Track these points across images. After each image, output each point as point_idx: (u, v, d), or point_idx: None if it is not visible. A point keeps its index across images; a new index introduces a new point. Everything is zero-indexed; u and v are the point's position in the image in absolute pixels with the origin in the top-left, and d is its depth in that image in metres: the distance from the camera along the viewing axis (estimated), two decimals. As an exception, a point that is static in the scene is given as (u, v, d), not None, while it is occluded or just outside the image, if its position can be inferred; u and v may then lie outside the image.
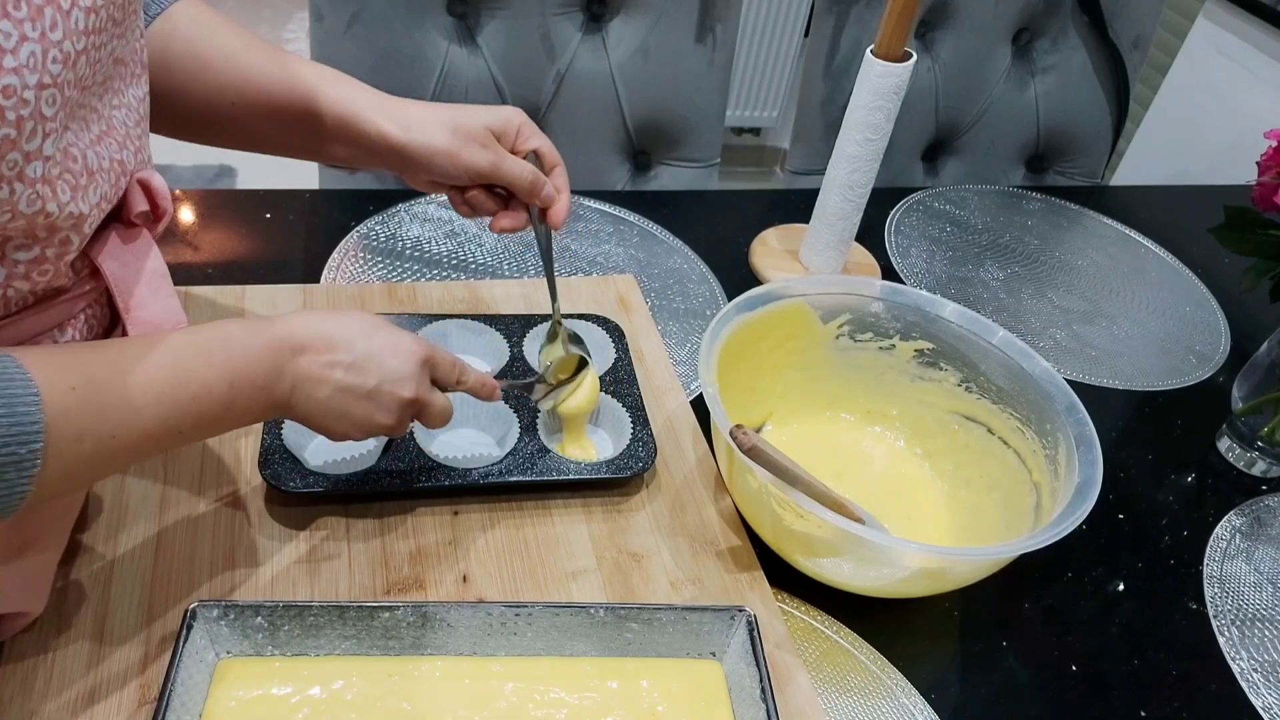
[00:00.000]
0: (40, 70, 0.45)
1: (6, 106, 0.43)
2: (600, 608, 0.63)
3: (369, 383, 0.61)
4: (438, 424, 0.67)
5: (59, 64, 0.46)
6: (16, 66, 0.43)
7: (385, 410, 0.62)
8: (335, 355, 0.60)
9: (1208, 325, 1.15)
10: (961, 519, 0.81)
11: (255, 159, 0.86)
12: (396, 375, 0.62)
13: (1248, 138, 1.07)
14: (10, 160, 0.45)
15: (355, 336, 0.61)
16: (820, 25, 1.32)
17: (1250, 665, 0.75)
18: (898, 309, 0.84)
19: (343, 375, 0.60)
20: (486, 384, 0.70)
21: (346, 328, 0.61)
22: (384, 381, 0.61)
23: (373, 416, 0.62)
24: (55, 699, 0.58)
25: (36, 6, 0.45)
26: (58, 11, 0.46)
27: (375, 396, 0.61)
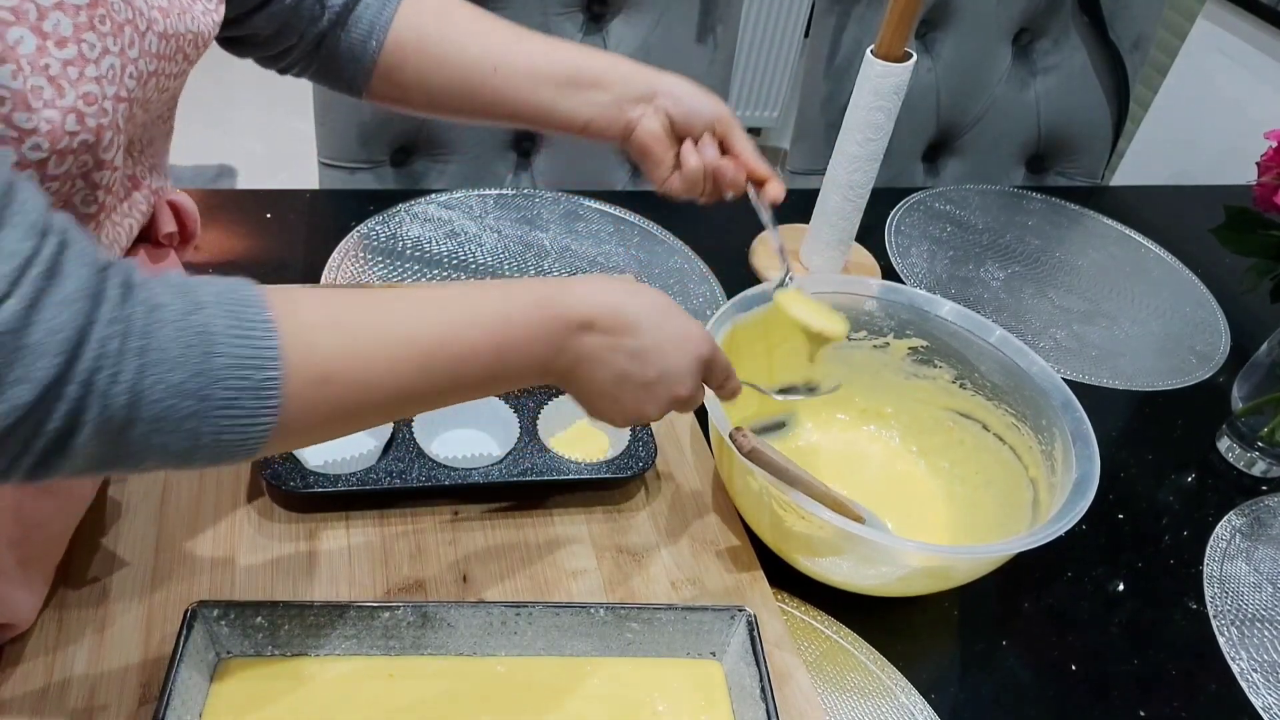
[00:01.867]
0: (118, 83, 0.47)
1: (87, 113, 0.45)
2: (600, 607, 0.63)
3: (650, 374, 0.58)
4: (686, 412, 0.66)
5: (134, 80, 0.49)
6: (98, 76, 0.46)
7: (656, 402, 0.60)
8: (623, 339, 0.57)
9: (1208, 325, 1.15)
10: (959, 516, 0.81)
11: (255, 159, 0.86)
12: (677, 372, 0.59)
13: (1248, 138, 1.07)
14: (83, 162, 0.46)
15: (647, 321, 0.58)
16: (820, 25, 1.32)
17: (1250, 665, 0.75)
18: (891, 307, 0.84)
19: (626, 362, 0.57)
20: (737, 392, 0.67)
21: (640, 307, 0.58)
22: (664, 376, 0.59)
23: (643, 407, 0.59)
24: (56, 699, 0.58)
25: (118, 24, 0.47)
26: (135, 31, 0.49)
27: (652, 388, 0.59)
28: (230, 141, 2.56)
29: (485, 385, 0.54)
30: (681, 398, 0.61)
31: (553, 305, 0.55)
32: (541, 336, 0.54)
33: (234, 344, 0.43)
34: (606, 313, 0.56)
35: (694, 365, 0.60)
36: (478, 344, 0.52)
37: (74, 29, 0.45)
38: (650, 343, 0.58)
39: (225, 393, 0.42)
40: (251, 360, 0.43)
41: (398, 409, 0.52)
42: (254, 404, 0.43)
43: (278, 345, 0.44)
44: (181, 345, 0.41)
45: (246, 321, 0.43)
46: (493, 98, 0.74)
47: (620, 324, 0.56)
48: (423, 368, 0.50)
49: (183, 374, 0.41)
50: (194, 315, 0.42)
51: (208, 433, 0.43)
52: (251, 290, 0.45)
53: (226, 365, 0.42)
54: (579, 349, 0.56)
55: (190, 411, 0.42)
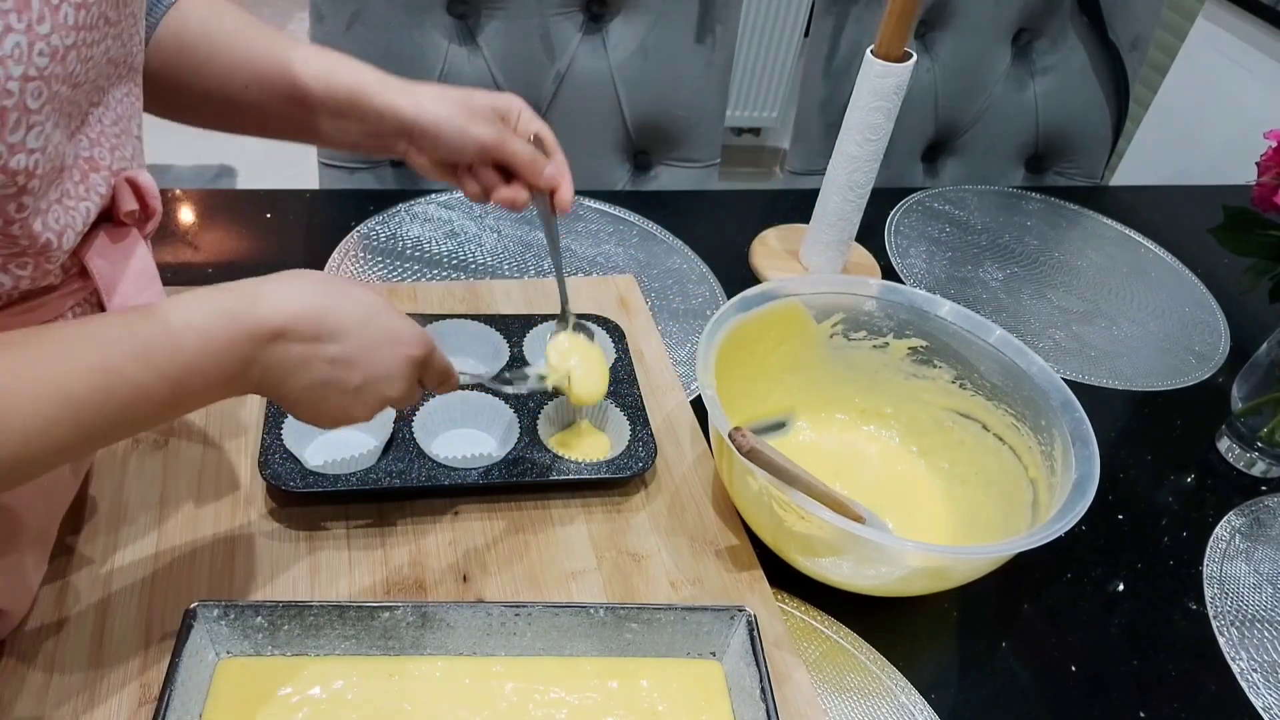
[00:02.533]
0: (26, 62, 0.45)
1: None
2: (600, 608, 0.63)
3: (354, 379, 0.56)
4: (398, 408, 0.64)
5: (45, 57, 0.46)
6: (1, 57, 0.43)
7: (364, 406, 0.58)
8: (323, 346, 0.54)
9: (1207, 325, 1.15)
10: (959, 516, 0.81)
11: (255, 159, 0.86)
12: (385, 375, 0.58)
13: (1247, 138, 1.08)
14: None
15: (351, 324, 0.55)
16: (820, 25, 1.32)
17: (1250, 665, 0.75)
18: (891, 307, 0.84)
19: (327, 370, 0.55)
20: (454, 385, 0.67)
21: (341, 310, 0.55)
22: (370, 380, 0.57)
23: (349, 411, 0.58)
24: (56, 699, 0.58)
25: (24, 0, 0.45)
26: (45, 5, 0.46)
27: (358, 394, 0.57)
28: (230, 141, 2.55)
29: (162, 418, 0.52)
30: (391, 399, 0.59)
31: (236, 322, 0.52)
32: (224, 360, 0.51)
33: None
34: (304, 319, 0.53)
35: (404, 367, 0.58)
36: (146, 385, 0.48)
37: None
38: (354, 348, 0.55)
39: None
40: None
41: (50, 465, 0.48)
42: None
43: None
44: None
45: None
46: (252, 115, 0.72)
47: (319, 330, 0.54)
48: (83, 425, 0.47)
49: None
50: None
51: None
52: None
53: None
54: (268, 360, 0.53)
55: None
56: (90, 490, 0.70)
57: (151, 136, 0.64)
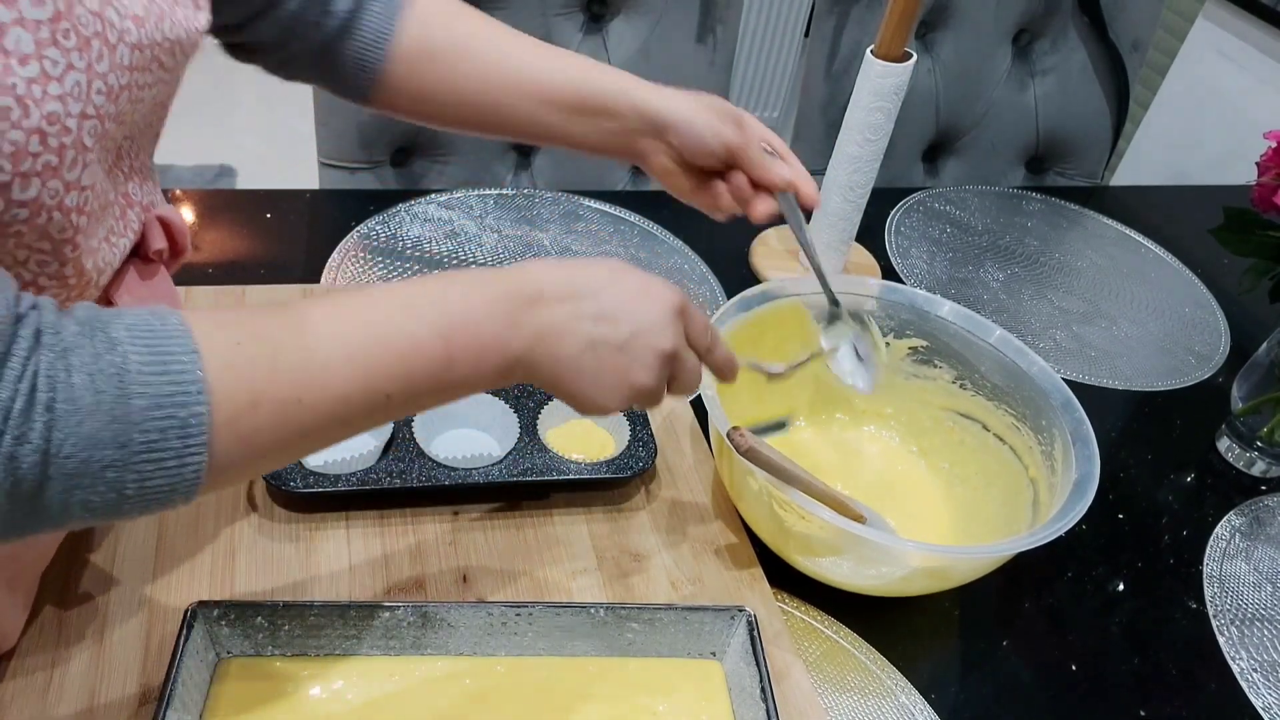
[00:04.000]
0: (84, 100, 0.45)
1: (50, 133, 0.44)
2: (600, 607, 0.63)
3: (622, 333, 0.53)
4: (688, 390, 0.59)
5: (102, 96, 0.47)
6: (61, 95, 0.44)
7: (644, 366, 0.54)
8: (580, 304, 0.52)
9: (1207, 325, 1.15)
10: (959, 516, 0.81)
11: (255, 159, 0.86)
12: (652, 323, 0.54)
13: (1248, 138, 1.08)
14: (52, 188, 0.45)
15: (601, 281, 0.54)
16: (820, 26, 1.32)
17: (1250, 665, 0.75)
18: (891, 307, 0.84)
19: (592, 326, 0.52)
20: (732, 363, 0.62)
21: (589, 270, 0.54)
22: (639, 332, 0.53)
23: (629, 374, 0.54)
24: (56, 699, 0.58)
25: (85, 38, 0.46)
26: (104, 45, 0.47)
27: (630, 349, 0.53)
28: (230, 141, 2.56)
29: (439, 383, 0.50)
30: (667, 351, 0.55)
31: (491, 284, 0.51)
32: (490, 315, 0.50)
33: (152, 382, 0.39)
34: (554, 281, 0.52)
35: (668, 314, 0.55)
36: (418, 335, 0.48)
37: (35, 45, 0.43)
38: (612, 301, 0.53)
39: (147, 436, 0.39)
40: (173, 397, 0.40)
41: (342, 425, 0.47)
42: (179, 444, 0.40)
43: (202, 376, 0.41)
44: (94, 391, 0.38)
45: (166, 355, 0.40)
46: (498, 118, 0.73)
47: (574, 290, 0.53)
48: (361, 372, 0.46)
49: (96, 422, 0.38)
50: (107, 355, 0.39)
51: (132, 482, 0.40)
52: (170, 319, 0.42)
53: (144, 406, 0.39)
54: (536, 323, 0.51)
55: (109, 461, 0.39)
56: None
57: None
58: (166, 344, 0.40)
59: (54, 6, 0.44)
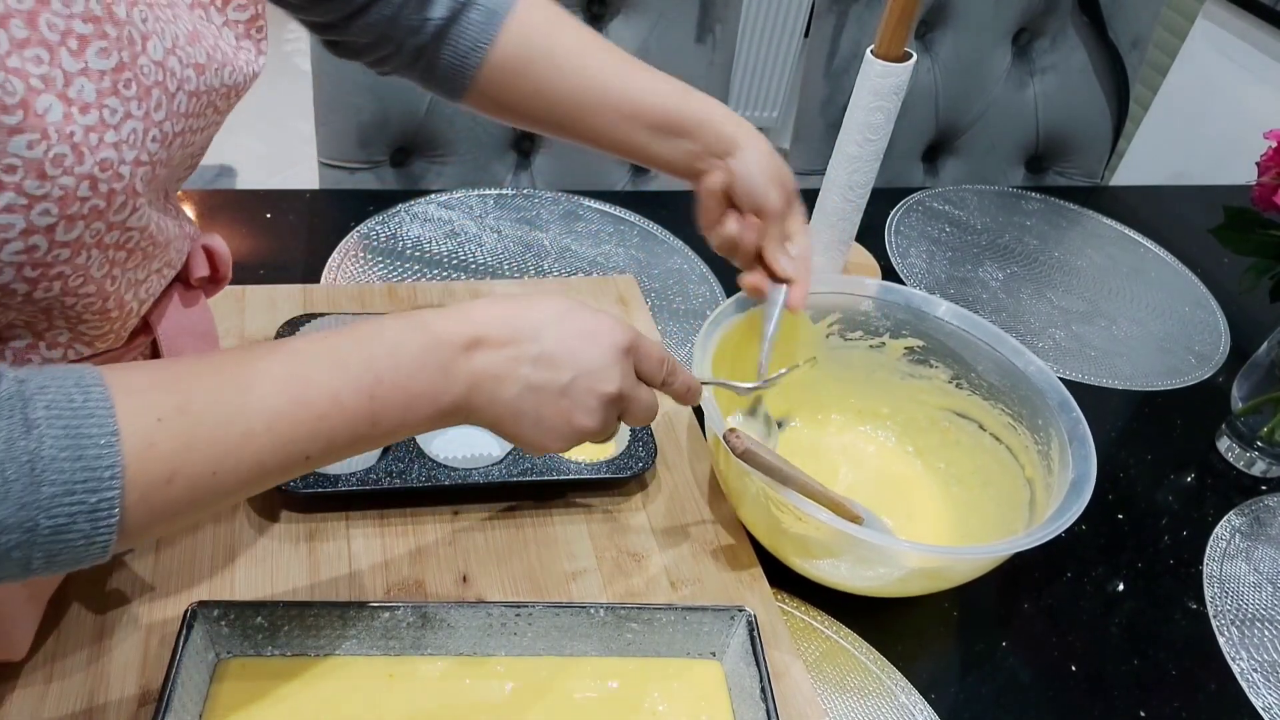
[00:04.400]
0: (139, 148, 0.46)
1: (100, 179, 0.44)
2: (600, 608, 0.63)
3: (562, 378, 0.52)
4: (644, 422, 0.60)
5: (156, 143, 0.47)
6: (117, 142, 0.45)
7: (586, 410, 0.54)
8: (521, 348, 0.52)
9: (1207, 325, 1.15)
10: (956, 516, 0.81)
11: (255, 159, 0.85)
12: (595, 366, 0.53)
13: (1248, 138, 1.07)
14: (94, 230, 0.45)
15: (543, 322, 0.53)
16: (820, 25, 1.32)
17: (1250, 665, 0.75)
18: (887, 307, 0.84)
19: (531, 370, 0.52)
20: (693, 389, 0.62)
21: (531, 312, 0.53)
22: (580, 374, 0.53)
23: (571, 417, 0.54)
24: (56, 699, 0.58)
25: (145, 87, 0.46)
26: (164, 93, 0.47)
27: (571, 393, 0.53)
28: (230, 141, 2.56)
29: (362, 438, 0.48)
30: (612, 395, 0.54)
31: (425, 330, 0.50)
32: (422, 366, 0.49)
33: (65, 469, 0.39)
34: (495, 323, 0.51)
35: (613, 355, 0.54)
36: (341, 395, 0.46)
37: (97, 95, 0.44)
38: (554, 344, 0.52)
39: (55, 520, 0.39)
40: (85, 484, 0.39)
41: (255, 487, 0.47)
42: (88, 526, 0.40)
43: (119, 461, 0.40)
44: (2, 479, 0.37)
45: (82, 437, 0.39)
46: (584, 129, 0.74)
47: (515, 333, 0.52)
48: (281, 439, 0.45)
49: (4, 510, 0.37)
50: (21, 441, 0.38)
51: (38, 559, 0.39)
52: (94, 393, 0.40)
53: (54, 494, 0.38)
54: (471, 370, 0.50)
55: (15, 543, 0.38)
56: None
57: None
58: (85, 424, 0.39)
59: (119, 57, 0.44)
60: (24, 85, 0.41)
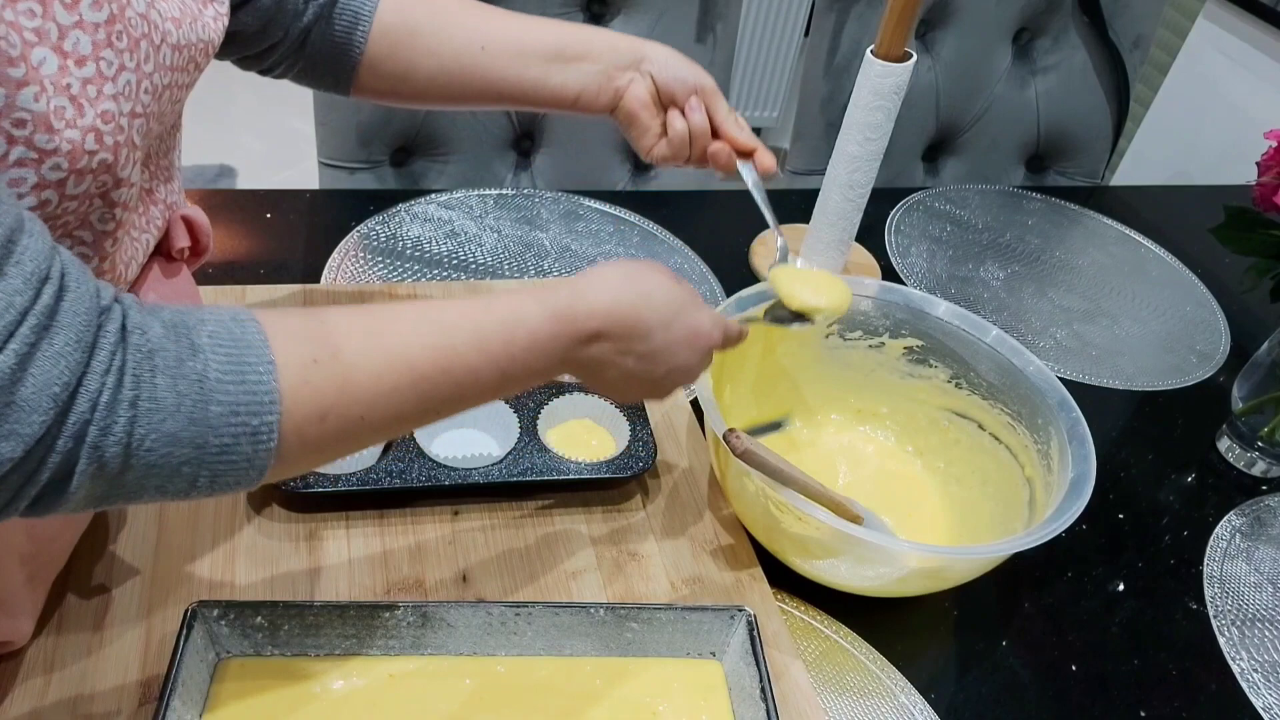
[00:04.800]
0: (134, 99, 0.47)
1: (105, 132, 0.45)
2: (600, 607, 0.63)
3: (658, 373, 0.59)
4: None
5: (149, 95, 0.49)
6: (115, 94, 0.46)
7: (662, 393, 0.62)
8: (633, 344, 0.57)
9: (1208, 325, 1.15)
10: (955, 516, 0.81)
11: (255, 159, 0.86)
12: (686, 367, 0.61)
13: (1248, 138, 1.07)
14: (101, 183, 0.47)
15: (658, 322, 0.58)
16: (820, 25, 1.32)
17: (1250, 665, 0.75)
18: (887, 307, 0.84)
19: (634, 364, 0.58)
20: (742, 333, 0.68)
21: (653, 306, 0.58)
22: (672, 373, 0.60)
23: (650, 395, 0.62)
24: (56, 698, 0.58)
25: (135, 39, 0.47)
26: (150, 46, 0.48)
27: (659, 384, 0.61)
28: (230, 141, 2.56)
29: (483, 401, 0.54)
30: (688, 384, 0.63)
31: (563, 320, 0.54)
32: (549, 352, 0.54)
33: (231, 390, 0.42)
34: (618, 321, 0.56)
35: (702, 360, 0.62)
36: (480, 369, 0.51)
37: (93, 47, 0.44)
38: (659, 345, 0.58)
39: (221, 439, 0.42)
40: (248, 406, 0.42)
41: (392, 433, 0.52)
42: (250, 448, 0.43)
43: (276, 388, 0.43)
44: (176, 394, 0.40)
45: (244, 365, 0.42)
46: (482, 80, 0.74)
47: (630, 331, 0.57)
48: (421, 395, 0.49)
49: (177, 423, 0.41)
50: (189, 361, 0.41)
51: (204, 476, 0.42)
52: (250, 329, 0.44)
53: (221, 414, 0.42)
54: (587, 358, 0.56)
55: (186, 459, 0.41)
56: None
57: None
58: (245, 354, 0.43)
59: (109, 9, 0.45)
60: (20, 39, 0.42)
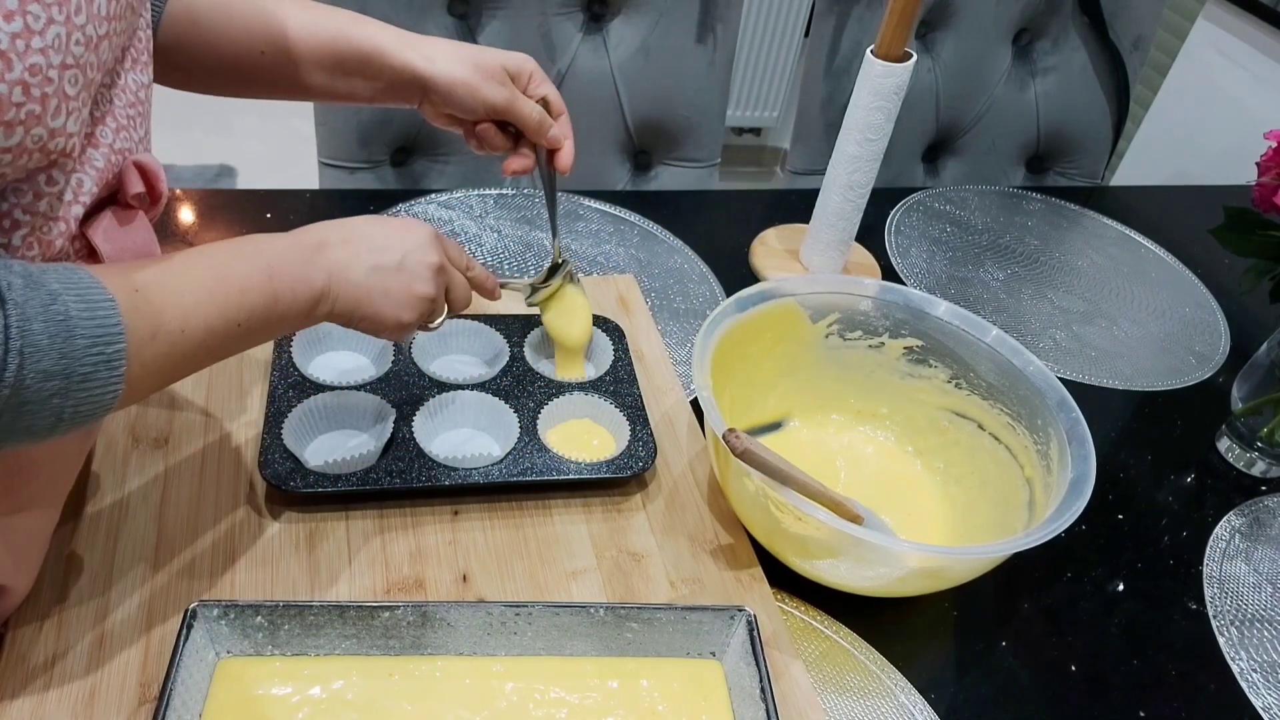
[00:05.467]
0: (64, 51, 0.48)
1: (32, 84, 0.46)
2: (600, 607, 0.63)
3: (395, 256, 0.64)
4: (461, 305, 0.71)
5: (81, 46, 0.49)
6: (43, 47, 0.47)
7: (420, 279, 0.65)
8: (356, 244, 0.63)
9: (1208, 325, 1.15)
10: (955, 516, 0.81)
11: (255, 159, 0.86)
12: (417, 245, 0.65)
13: (1248, 138, 1.07)
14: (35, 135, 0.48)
15: (364, 223, 0.65)
16: (820, 25, 1.32)
17: (1250, 665, 0.75)
18: (886, 307, 0.84)
19: (369, 254, 0.63)
20: (489, 279, 0.74)
21: (352, 220, 0.65)
22: (408, 252, 0.65)
23: (411, 286, 0.65)
24: (56, 698, 0.58)
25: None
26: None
27: (406, 267, 0.64)
28: (230, 141, 2.56)
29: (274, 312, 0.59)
30: (435, 264, 0.66)
31: (285, 236, 0.61)
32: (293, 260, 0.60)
33: (86, 325, 0.47)
34: (330, 230, 0.63)
35: (427, 239, 0.66)
36: (251, 275, 0.58)
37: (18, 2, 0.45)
38: (381, 236, 0.64)
39: (83, 368, 0.47)
40: (103, 337, 0.48)
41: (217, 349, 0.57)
42: (106, 374, 0.48)
43: (120, 318, 0.49)
44: (48, 335, 0.45)
45: (93, 303, 0.48)
46: (270, 80, 0.75)
47: (347, 232, 0.64)
48: (218, 306, 0.55)
49: (49, 360, 0.45)
50: (52, 305, 0.46)
51: (70, 406, 0.47)
52: (83, 273, 0.49)
53: (84, 345, 0.47)
54: (326, 262, 0.61)
55: (54, 390, 0.46)
56: (90, 490, 0.70)
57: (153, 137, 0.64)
58: (90, 293, 0.48)
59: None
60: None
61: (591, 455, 0.78)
